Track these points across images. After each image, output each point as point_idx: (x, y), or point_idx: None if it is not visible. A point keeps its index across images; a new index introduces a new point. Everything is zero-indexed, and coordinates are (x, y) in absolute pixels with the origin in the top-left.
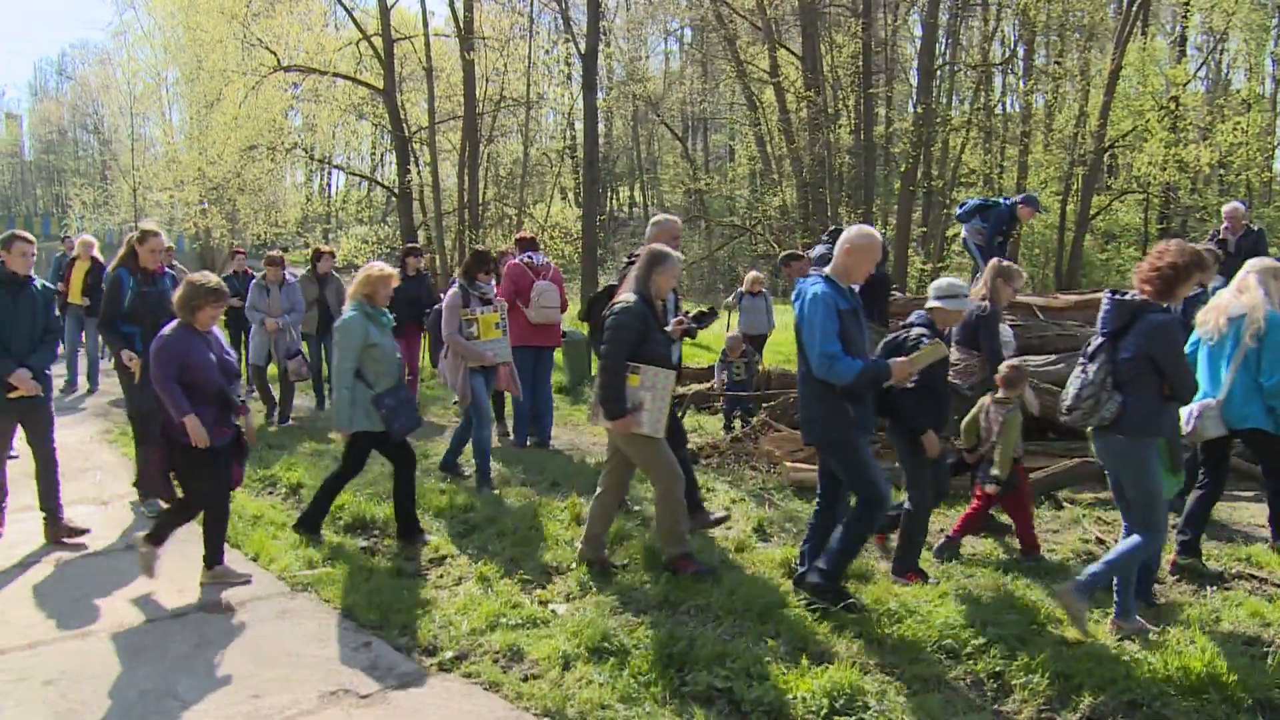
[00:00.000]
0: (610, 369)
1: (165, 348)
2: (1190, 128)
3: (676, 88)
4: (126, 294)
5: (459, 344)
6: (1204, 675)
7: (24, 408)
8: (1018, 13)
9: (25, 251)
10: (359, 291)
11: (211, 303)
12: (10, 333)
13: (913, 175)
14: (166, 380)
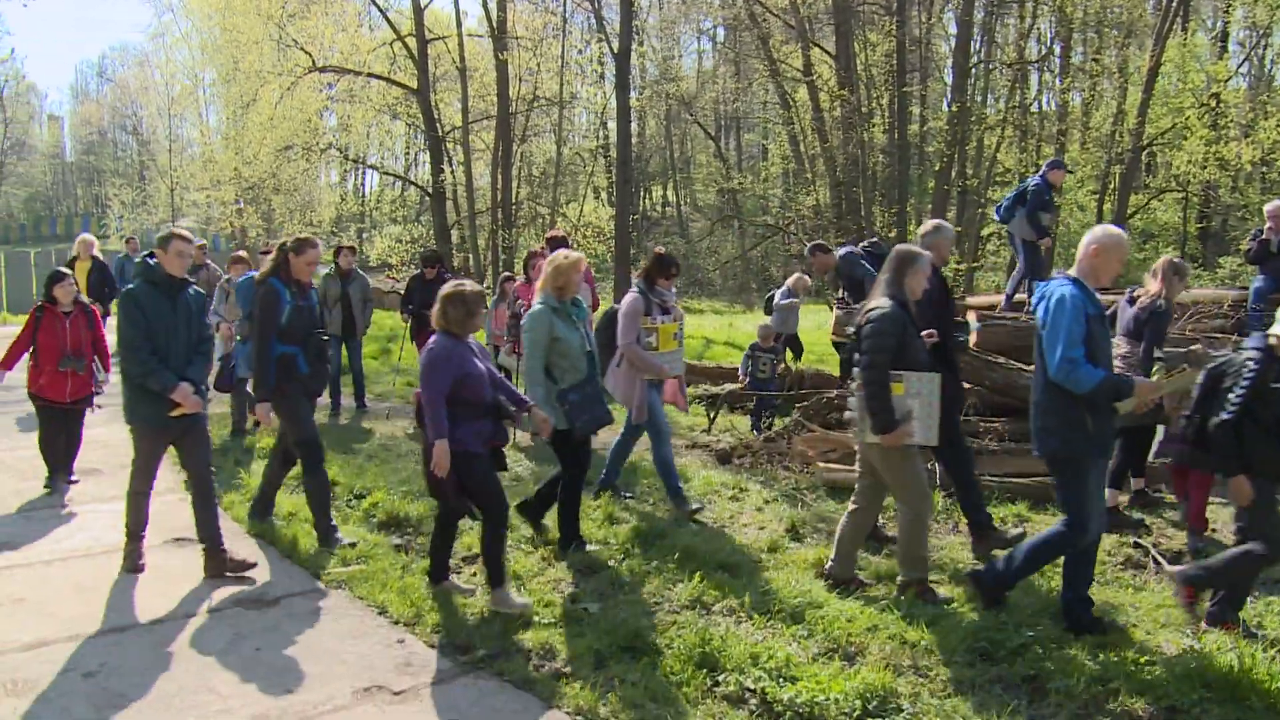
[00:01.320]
0: (876, 380)
1: (441, 362)
2: (1231, 125)
3: (709, 87)
4: (284, 309)
5: (638, 356)
6: (1245, 682)
7: (182, 427)
8: (1054, 10)
9: (183, 251)
10: (549, 284)
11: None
12: (169, 342)
13: (947, 174)
14: (438, 398)
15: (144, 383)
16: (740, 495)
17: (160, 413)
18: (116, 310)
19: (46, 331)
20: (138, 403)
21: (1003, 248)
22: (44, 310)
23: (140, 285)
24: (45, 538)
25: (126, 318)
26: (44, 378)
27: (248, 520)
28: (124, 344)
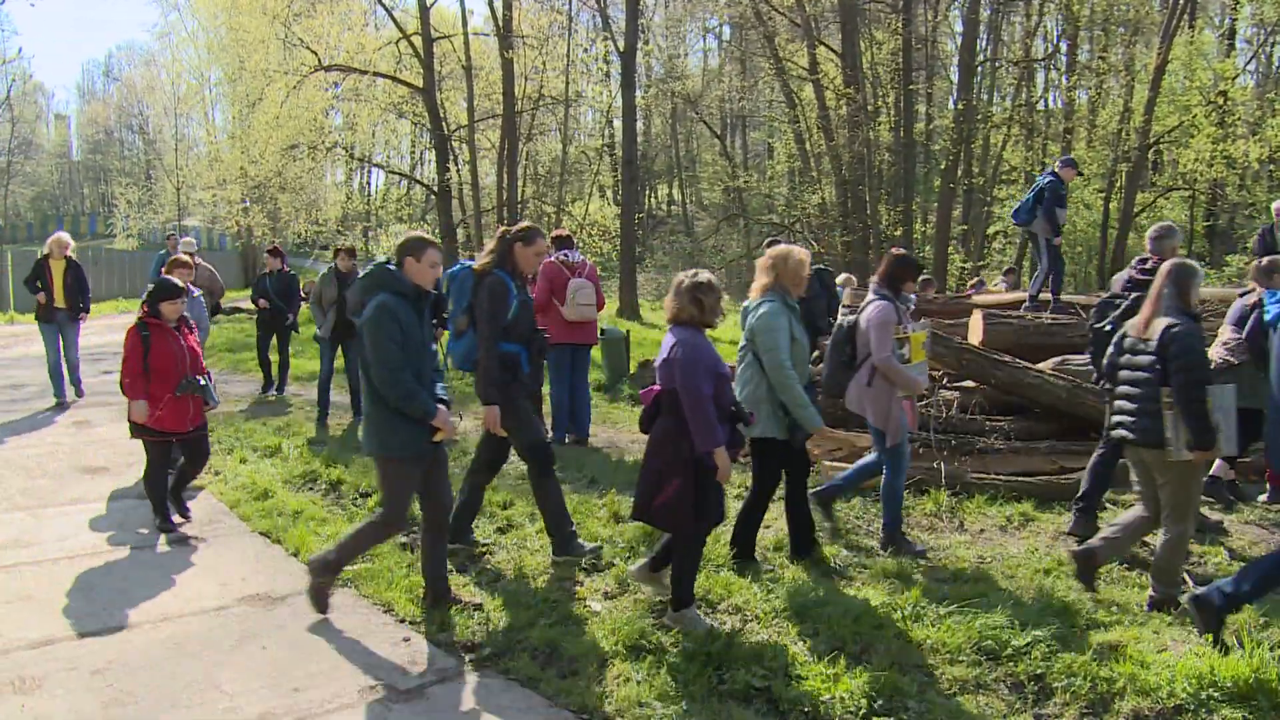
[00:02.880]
0: (1199, 397)
1: (702, 358)
2: (1239, 123)
3: (715, 85)
4: (513, 304)
5: (897, 371)
6: (1251, 681)
7: (432, 455)
8: (1061, 7)
9: (436, 262)
10: (786, 281)
11: None
12: (421, 362)
13: (953, 172)
14: (705, 400)
15: (405, 407)
16: (745, 494)
17: (418, 440)
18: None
19: (159, 353)
20: (393, 430)
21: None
22: (148, 326)
23: (392, 298)
24: (53, 536)
25: (386, 335)
26: (162, 408)
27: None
28: (382, 364)
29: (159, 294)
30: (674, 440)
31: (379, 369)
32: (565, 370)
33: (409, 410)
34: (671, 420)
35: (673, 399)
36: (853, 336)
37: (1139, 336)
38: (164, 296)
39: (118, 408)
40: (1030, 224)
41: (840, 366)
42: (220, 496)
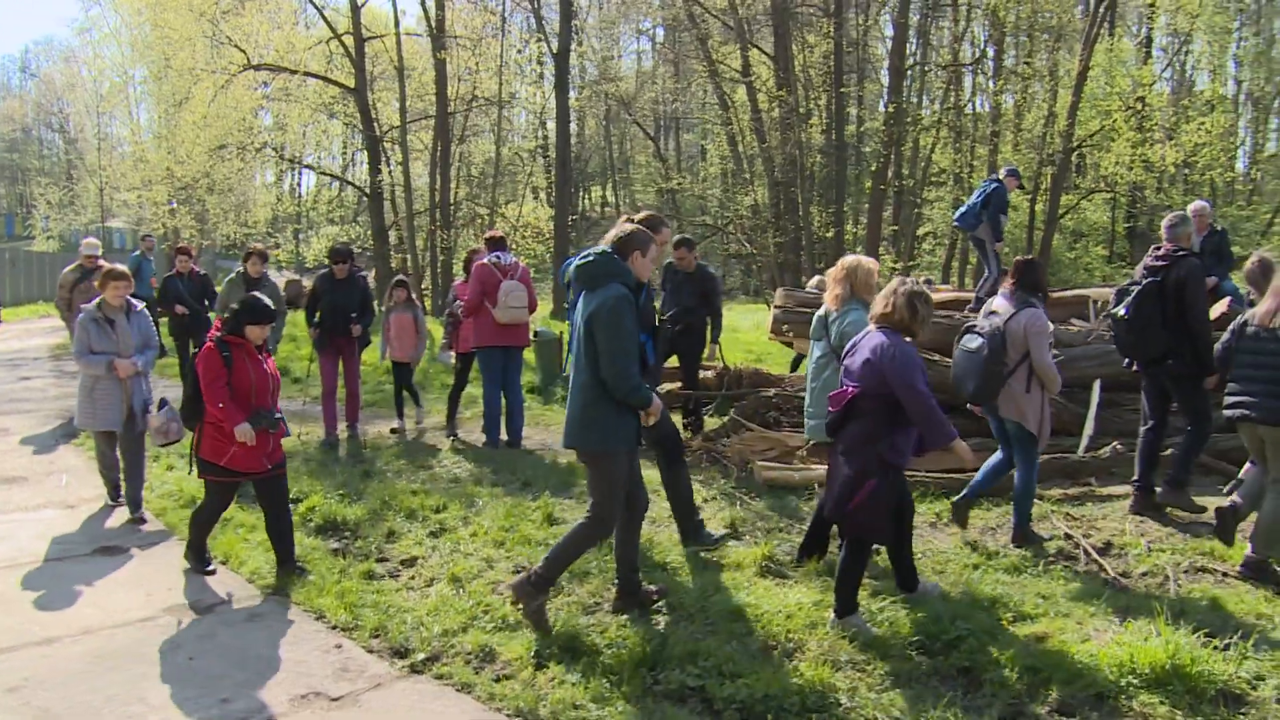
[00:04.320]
0: None
1: (915, 359)
2: (1156, 128)
3: (649, 87)
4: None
5: (1054, 375)
6: (1168, 667)
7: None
8: (987, 13)
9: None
10: (862, 291)
11: None
12: (635, 347)
13: (884, 174)
14: (928, 397)
15: (631, 399)
16: None
17: (635, 431)
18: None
19: (241, 379)
20: (616, 424)
21: (938, 247)
22: (230, 347)
23: (625, 291)
24: None
25: (622, 325)
26: (237, 444)
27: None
28: (621, 355)
29: (247, 315)
30: (870, 443)
31: (617, 359)
32: (497, 373)
33: (635, 401)
34: (867, 423)
35: (869, 403)
36: (1004, 344)
37: (1264, 325)
38: (253, 319)
39: (37, 415)
40: (975, 229)
41: (996, 376)
42: (146, 505)
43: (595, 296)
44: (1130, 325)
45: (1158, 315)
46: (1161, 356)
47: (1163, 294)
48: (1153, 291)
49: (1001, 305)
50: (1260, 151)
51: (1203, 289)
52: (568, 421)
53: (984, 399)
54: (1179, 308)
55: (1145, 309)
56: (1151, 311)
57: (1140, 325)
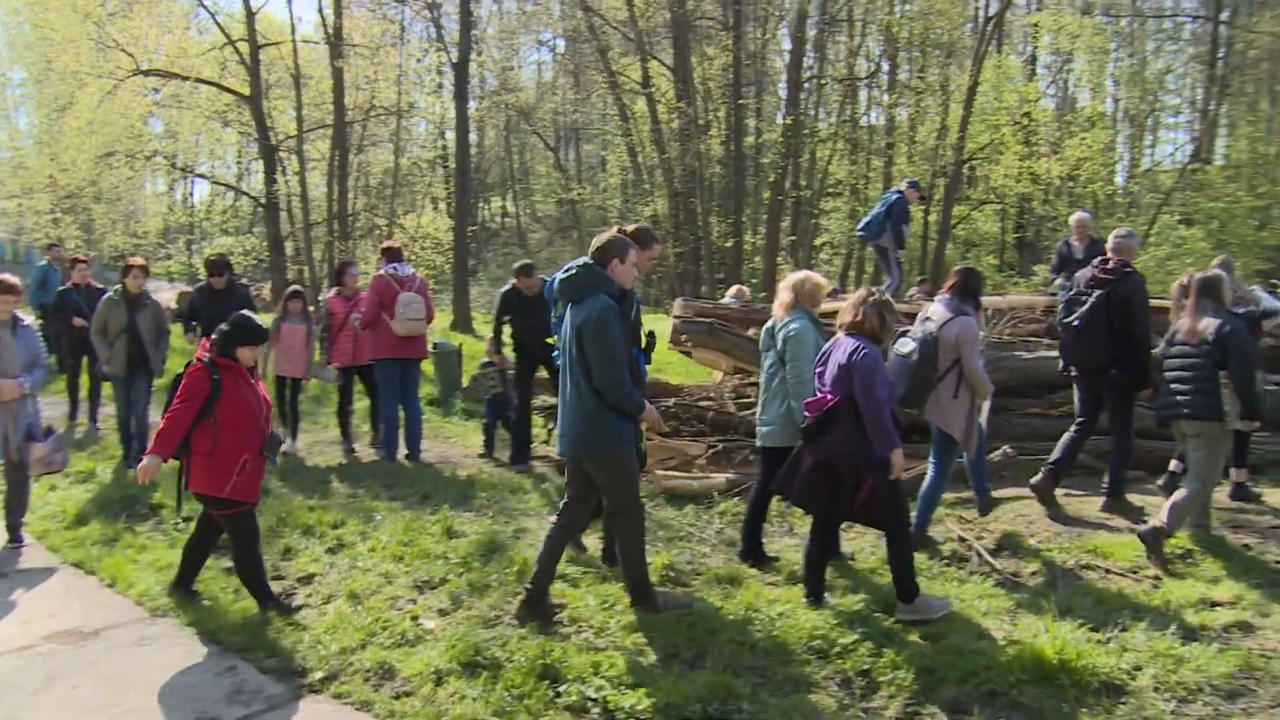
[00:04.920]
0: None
1: (881, 368)
2: (1041, 142)
3: (549, 98)
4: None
5: (984, 382)
6: (1055, 662)
7: None
8: (881, 29)
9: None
10: (808, 301)
11: None
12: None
13: (781, 185)
14: (885, 405)
15: (625, 404)
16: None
17: (633, 435)
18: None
19: (233, 401)
20: (614, 428)
21: (835, 256)
22: (220, 370)
23: (610, 300)
24: None
25: (610, 334)
26: (241, 471)
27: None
28: (612, 363)
29: (240, 337)
30: (862, 443)
31: (609, 367)
32: (395, 385)
33: (628, 406)
34: (854, 426)
35: (852, 407)
36: (935, 350)
37: (1189, 336)
38: (246, 340)
39: None
40: (879, 238)
41: (926, 381)
42: (26, 527)
43: (582, 308)
44: (1080, 334)
45: (1105, 326)
46: (1106, 366)
47: (1110, 306)
48: (1101, 304)
49: (937, 312)
50: (1137, 166)
51: (1147, 304)
52: (569, 434)
53: (914, 403)
54: (1125, 321)
55: (1095, 320)
56: (1100, 323)
57: (1090, 335)
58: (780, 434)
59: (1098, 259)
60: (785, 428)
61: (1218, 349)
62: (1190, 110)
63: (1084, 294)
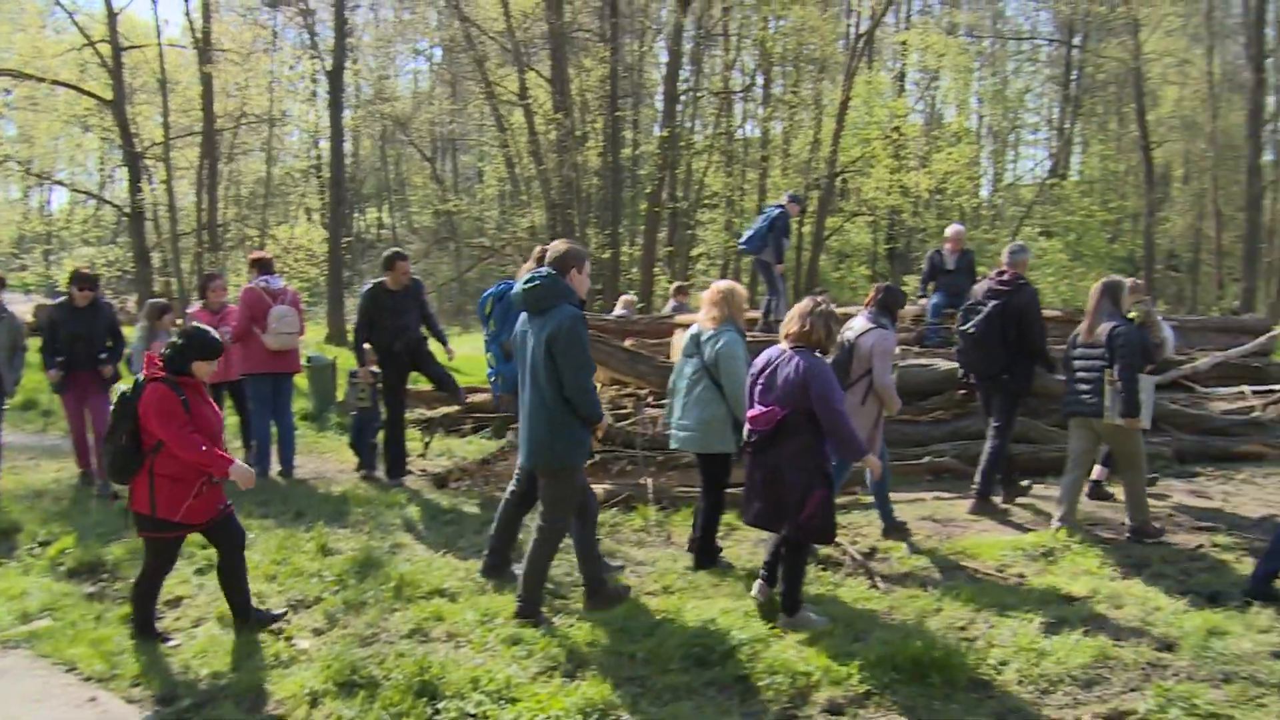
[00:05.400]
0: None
1: (833, 378)
2: (910, 156)
3: (425, 107)
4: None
5: (892, 394)
6: (926, 661)
7: None
8: (756, 44)
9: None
10: (734, 313)
11: None
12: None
13: (658, 197)
14: (844, 414)
15: (590, 414)
16: (458, 519)
17: (588, 448)
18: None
19: (200, 423)
20: (577, 440)
21: (712, 268)
22: (183, 388)
23: (577, 310)
24: None
25: (582, 344)
26: (198, 494)
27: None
28: (583, 373)
29: (197, 351)
30: (813, 455)
31: (580, 377)
32: (267, 401)
33: (592, 417)
34: (803, 439)
35: (801, 419)
36: (851, 358)
37: (1088, 337)
38: (203, 354)
39: None
40: (761, 251)
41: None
42: None
43: (550, 319)
44: (977, 342)
45: (1000, 335)
46: (1000, 372)
47: (1004, 317)
48: (997, 314)
49: (858, 323)
50: (1000, 180)
51: (1040, 314)
52: (531, 441)
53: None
54: (1019, 330)
55: (991, 329)
56: (995, 332)
57: (985, 343)
58: (698, 440)
59: (994, 271)
60: (704, 434)
61: (1108, 350)
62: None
63: (980, 304)
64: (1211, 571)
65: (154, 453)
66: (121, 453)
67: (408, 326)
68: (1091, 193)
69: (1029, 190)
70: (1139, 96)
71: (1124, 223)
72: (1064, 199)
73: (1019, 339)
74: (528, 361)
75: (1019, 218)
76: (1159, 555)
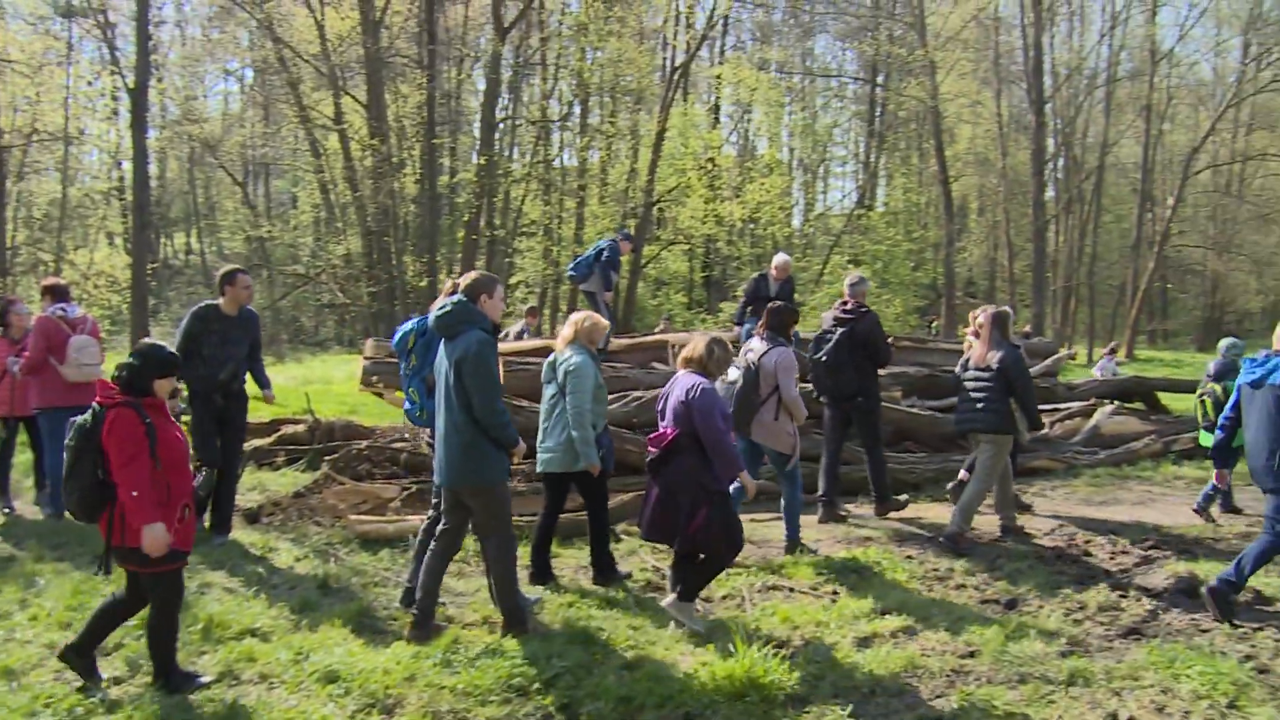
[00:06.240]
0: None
1: (718, 401)
2: (725, 186)
3: (236, 130)
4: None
5: (801, 407)
6: (745, 680)
7: None
8: (574, 74)
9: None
10: (585, 337)
11: None
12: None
13: (476, 224)
14: (726, 435)
15: (501, 436)
16: (270, 554)
17: (505, 466)
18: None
19: (168, 444)
20: (494, 459)
21: (530, 295)
22: (146, 410)
23: (486, 334)
24: None
25: (490, 367)
26: (181, 520)
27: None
28: (491, 394)
29: (155, 368)
30: (699, 474)
31: (489, 398)
32: (64, 436)
33: (504, 438)
34: (692, 459)
35: (690, 440)
36: (758, 378)
37: (979, 361)
38: (163, 371)
39: None
40: (587, 281)
41: (749, 404)
42: None
43: (459, 343)
44: (829, 368)
45: (849, 360)
46: (853, 394)
47: (852, 342)
48: (844, 340)
49: (756, 345)
50: (811, 210)
51: (884, 336)
52: (447, 463)
53: (738, 426)
54: (866, 354)
55: (841, 355)
56: (845, 357)
57: (837, 368)
58: (561, 460)
59: (837, 302)
60: (566, 454)
61: (1001, 377)
62: (855, 161)
63: (829, 333)
64: (1008, 580)
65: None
66: (90, 490)
67: (233, 359)
68: (896, 223)
69: (838, 220)
70: (937, 133)
71: (926, 252)
72: (871, 229)
73: (868, 361)
74: (442, 386)
75: (829, 246)
76: (962, 567)
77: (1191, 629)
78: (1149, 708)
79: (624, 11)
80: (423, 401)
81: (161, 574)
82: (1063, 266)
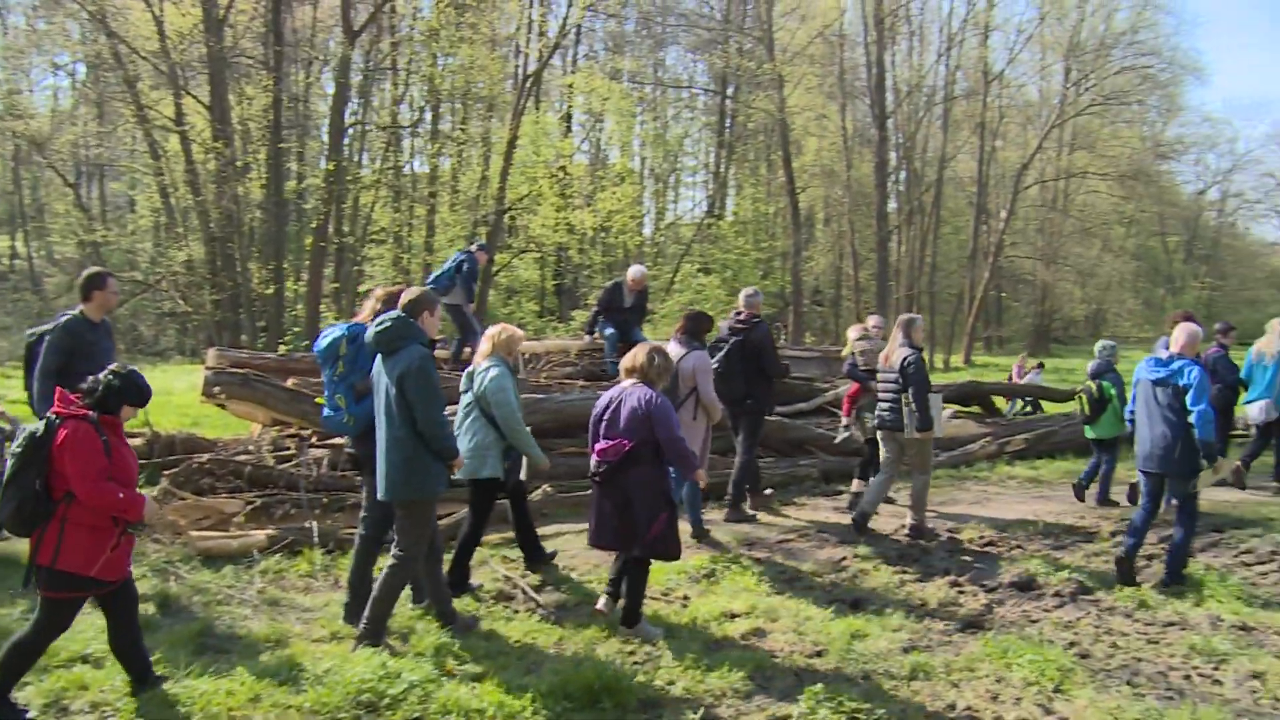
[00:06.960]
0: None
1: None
2: (576, 195)
3: (67, 128)
4: None
5: (718, 406)
6: (597, 687)
7: None
8: (425, 79)
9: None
10: (504, 350)
11: None
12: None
13: (324, 231)
14: (682, 440)
15: (443, 449)
16: None
17: (444, 478)
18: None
19: (122, 466)
20: (430, 472)
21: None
22: (104, 427)
23: (426, 350)
24: None
25: (432, 381)
26: (117, 544)
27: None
28: (434, 407)
29: (132, 395)
30: (659, 481)
31: (432, 411)
32: None
33: (445, 452)
34: (648, 468)
35: (646, 449)
36: (676, 381)
37: (885, 364)
38: (135, 400)
39: None
40: (448, 294)
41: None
42: None
43: (400, 358)
44: (721, 375)
45: (739, 367)
46: (743, 398)
47: (744, 351)
48: (737, 349)
49: (673, 349)
50: (662, 219)
51: (774, 345)
52: (387, 475)
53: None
54: (758, 362)
55: (732, 363)
56: (736, 365)
57: (729, 375)
58: (471, 466)
59: (733, 313)
60: (474, 460)
61: (901, 376)
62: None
63: (723, 341)
64: (854, 580)
65: (67, 500)
66: (29, 501)
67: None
68: (745, 232)
69: (688, 229)
70: (785, 145)
71: (774, 260)
72: (721, 238)
73: (759, 368)
74: (381, 401)
75: (680, 255)
76: (809, 569)
77: (1023, 620)
78: (984, 696)
79: (476, 18)
80: (350, 408)
81: (61, 600)
82: (905, 275)
